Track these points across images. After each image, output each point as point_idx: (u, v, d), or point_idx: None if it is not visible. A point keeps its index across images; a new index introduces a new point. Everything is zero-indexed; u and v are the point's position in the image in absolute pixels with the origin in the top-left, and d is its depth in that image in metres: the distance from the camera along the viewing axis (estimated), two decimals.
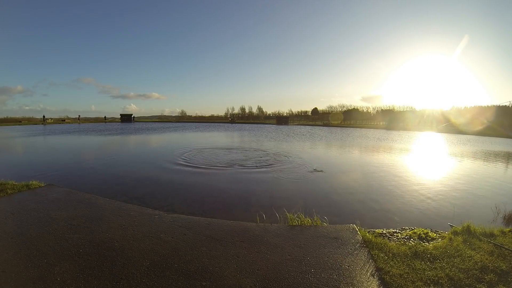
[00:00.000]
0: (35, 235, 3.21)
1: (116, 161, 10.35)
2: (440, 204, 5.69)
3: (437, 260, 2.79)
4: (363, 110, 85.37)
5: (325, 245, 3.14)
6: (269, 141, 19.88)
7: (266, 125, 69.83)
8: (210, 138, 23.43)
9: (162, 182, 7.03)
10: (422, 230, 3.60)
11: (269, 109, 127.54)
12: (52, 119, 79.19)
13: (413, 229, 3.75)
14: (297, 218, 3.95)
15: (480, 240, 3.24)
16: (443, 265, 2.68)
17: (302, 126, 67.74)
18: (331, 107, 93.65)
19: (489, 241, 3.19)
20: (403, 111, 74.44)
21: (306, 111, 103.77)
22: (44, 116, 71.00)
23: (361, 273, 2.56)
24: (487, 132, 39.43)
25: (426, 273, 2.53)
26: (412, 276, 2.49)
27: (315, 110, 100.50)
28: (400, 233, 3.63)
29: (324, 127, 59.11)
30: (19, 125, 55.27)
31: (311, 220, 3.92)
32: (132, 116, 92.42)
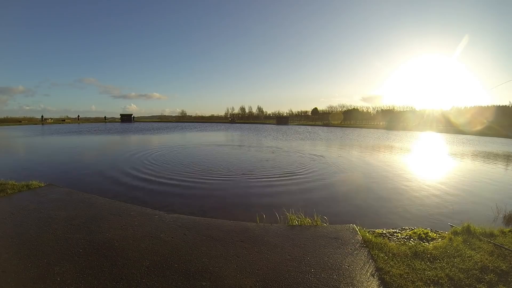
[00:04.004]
0: (35, 235, 3.21)
1: (116, 161, 10.34)
2: (440, 204, 5.69)
3: (437, 260, 2.79)
4: (363, 110, 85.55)
5: (325, 245, 3.13)
6: (268, 140, 19.90)
7: (266, 125, 69.89)
8: (210, 137, 23.43)
9: (163, 182, 7.02)
10: (422, 230, 3.60)
11: (269, 109, 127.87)
12: (52, 119, 79.32)
13: (413, 229, 3.75)
14: (297, 218, 3.95)
15: (480, 240, 3.24)
16: (443, 265, 2.68)
17: (302, 126, 67.75)
18: (331, 107, 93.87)
19: (489, 241, 3.19)
20: (403, 111, 74.55)
21: (306, 111, 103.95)
22: (42, 116, 71.11)
23: (361, 273, 2.56)
24: (487, 132, 39.44)
25: (426, 273, 2.53)
26: (412, 276, 2.48)
27: (315, 110, 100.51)
28: (400, 233, 3.63)
29: (324, 127, 59.13)
30: (19, 125, 55.26)
31: (311, 220, 3.92)
32: (132, 116, 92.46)
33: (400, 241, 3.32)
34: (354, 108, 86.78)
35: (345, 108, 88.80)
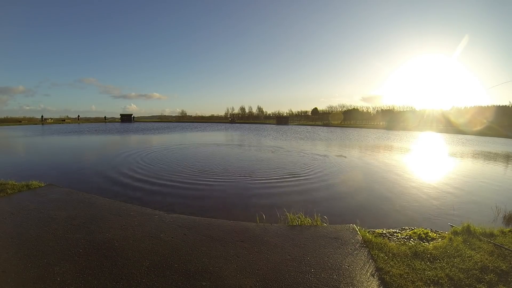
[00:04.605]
0: (35, 235, 3.21)
1: (117, 161, 10.34)
2: (440, 204, 5.69)
3: (437, 260, 2.79)
4: (363, 110, 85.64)
5: (325, 245, 3.13)
6: (268, 140, 19.90)
7: (266, 125, 69.98)
8: (211, 137, 23.43)
9: (163, 182, 7.02)
10: (422, 230, 3.60)
11: (269, 109, 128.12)
12: (52, 119, 79.51)
13: (413, 229, 3.75)
14: (297, 218, 3.95)
15: (480, 240, 3.24)
16: (443, 265, 2.68)
17: (302, 126, 67.79)
18: (331, 107, 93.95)
19: (489, 241, 3.19)
20: (403, 111, 74.63)
21: (306, 111, 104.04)
22: (42, 116, 71.29)
23: (361, 273, 2.56)
24: (487, 132, 39.46)
25: (426, 273, 2.53)
26: (412, 276, 2.48)
27: (315, 110, 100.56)
28: (400, 233, 3.63)
29: (324, 127, 59.20)
30: (19, 125, 55.32)
31: (311, 220, 3.92)
32: (132, 116, 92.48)
33: (400, 241, 3.32)
34: (354, 108, 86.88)
35: (345, 108, 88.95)
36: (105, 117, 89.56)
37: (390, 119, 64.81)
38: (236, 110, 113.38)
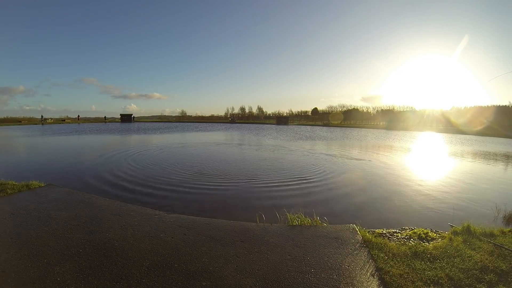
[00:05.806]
0: (35, 235, 3.21)
1: (118, 161, 10.34)
2: (440, 204, 5.68)
3: (437, 260, 2.79)
4: (363, 110, 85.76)
5: (325, 245, 3.13)
6: (268, 139, 19.91)
7: (266, 125, 70.05)
8: (211, 137, 23.44)
9: (163, 181, 7.02)
10: (422, 230, 3.60)
11: (269, 109, 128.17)
12: (52, 119, 79.62)
13: (413, 229, 3.75)
14: (297, 218, 3.95)
15: (480, 240, 3.24)
16: (443, 265, 2.68)
17: (302, 126, 67.82)
18: (331, 107, 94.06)
19: (489, 241, 3.19)
20: (403, 111, 74.74)
21: (306, 111, 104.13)
22: (42, 116, 71.32)
23: (361, 273, 2.56)
24: (487, 132, 39.49)
25: (426, 273, 2.53)
26: (412, 276, 2.48)
27: (315, 110, 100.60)
28: (400, 233, 3.63)
29: (324, 127, 59.26)
30: (19, 125, 55.38)
31: (311, 220, 3.93)
32: (132, 116, 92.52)
33: (400, 241, 3.32)
34: (354, 108, 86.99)
35: (345, 108, 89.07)
36: (105, 117, 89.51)
37: (390, 119, 64.86)
38: (236, 110, 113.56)
